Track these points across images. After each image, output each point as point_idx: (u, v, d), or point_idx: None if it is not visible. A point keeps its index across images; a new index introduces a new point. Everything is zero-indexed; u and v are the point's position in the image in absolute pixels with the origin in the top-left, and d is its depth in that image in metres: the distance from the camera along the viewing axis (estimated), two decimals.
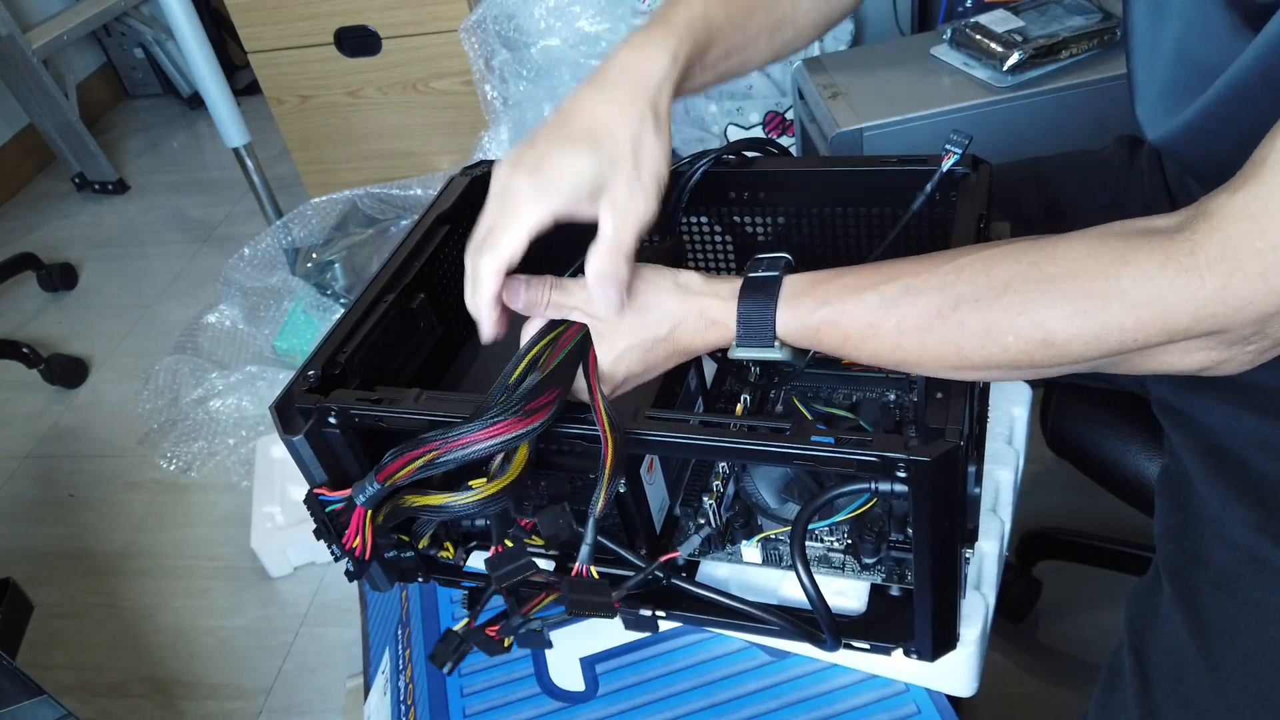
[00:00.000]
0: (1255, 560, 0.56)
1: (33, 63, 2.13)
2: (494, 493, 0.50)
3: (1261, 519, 0.57)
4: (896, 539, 0.58)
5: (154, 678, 1.28)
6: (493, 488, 0.50)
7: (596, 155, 0.50)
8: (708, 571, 0.64)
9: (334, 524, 0.54)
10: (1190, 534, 0.61)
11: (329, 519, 0.54)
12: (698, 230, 0.71)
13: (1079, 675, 1.10)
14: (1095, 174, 0.80)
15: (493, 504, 0.51)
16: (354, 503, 0.52)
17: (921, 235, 0.65)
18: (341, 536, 0.54)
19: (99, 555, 1.47)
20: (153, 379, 1.63)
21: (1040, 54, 1.17)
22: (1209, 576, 0.58)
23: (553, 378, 0.51)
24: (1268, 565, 0.56)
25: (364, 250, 1.69)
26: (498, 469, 0.51)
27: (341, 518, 0.54)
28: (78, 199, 2.40)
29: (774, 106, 1.66)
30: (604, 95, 0.52)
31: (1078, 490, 1.17)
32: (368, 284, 0.64)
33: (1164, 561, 0.61)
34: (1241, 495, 0.59)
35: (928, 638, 0.55)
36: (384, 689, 0.70)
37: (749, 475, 0.65)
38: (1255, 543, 0.57)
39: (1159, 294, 0.43)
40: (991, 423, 0.70)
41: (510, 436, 0.49)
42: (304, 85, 1.79)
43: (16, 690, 0.89)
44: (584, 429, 0.52)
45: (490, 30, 1.57)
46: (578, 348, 0.53)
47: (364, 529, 0.53)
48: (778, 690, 0.61)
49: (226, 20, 2.16)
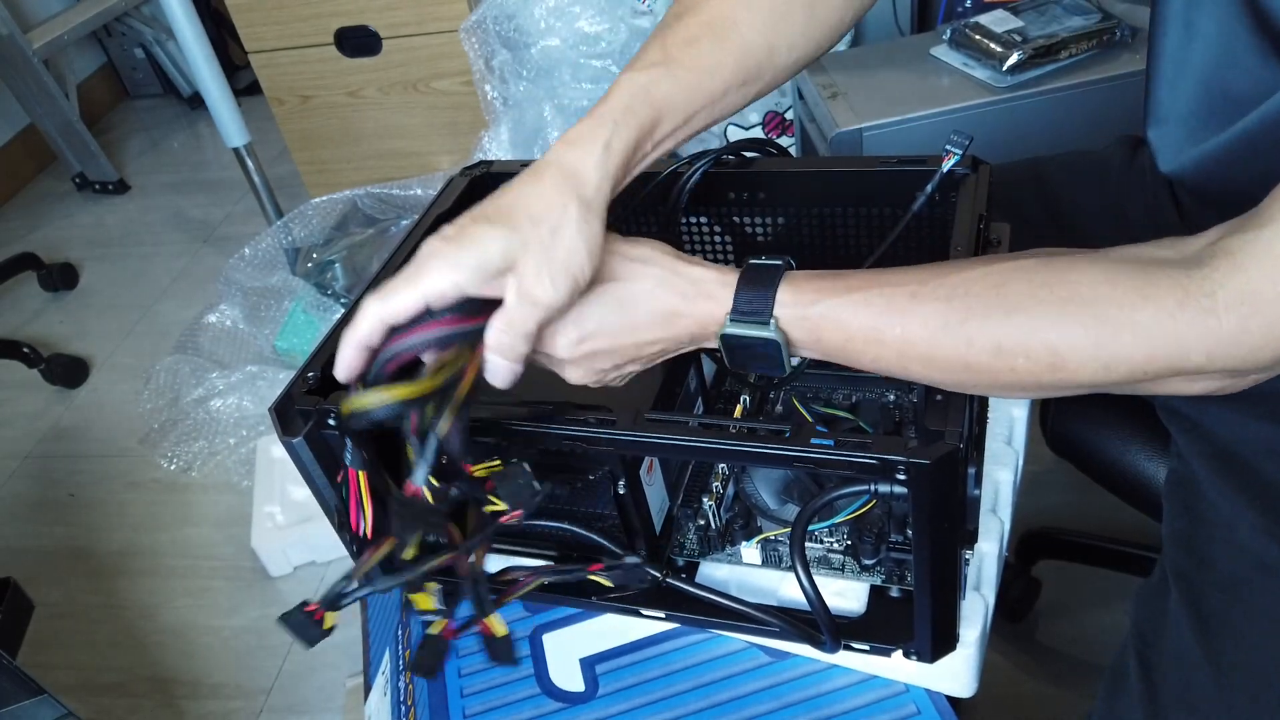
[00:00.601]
0: (1264, 566, 0.56)
1: (33, 63, 2.13)
2: (412, 394, 0.47)
3: (1270, 524, 0.57)
4: (896, 540, 0.58)
5: (154, 677, 1.28)
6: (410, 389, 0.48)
7: (511, 235, 0.49)
8: (707, 572, 0.64)
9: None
10: (1198, 538, 0.61)
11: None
12: (697, 230, 0.71)
13: (1078, 675, 1.10)
14: (1095, 174, 0.80)
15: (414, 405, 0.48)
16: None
17: (921, 235, 0.65)
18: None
19: (99, 555, 1.47)
20: (153, 379, 1.63)
21: (1040, 54, 1.17)
22: (1217, 581, 0.58)
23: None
24: (1277, 571, 0.56)
25: (364, 250, 1.69)
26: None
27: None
28: (78, 199, 2.40)
29: (774, 106, 1.66)
30: (533, 182, 0.51)
31: (1077, 490, 1.17)
32: (368, 284, 0.64)
33: (1171, 565, 0.61)
34: (1250, 500, 0.59)
35: (927, 639, 0.55)
36: (384, 689, 0.70)
37: (748, 476, 0.65)
38: (1264, 548, 0.56)
39: (1176, 333, 0.42)
40: (991, 423, 0.70)
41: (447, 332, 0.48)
42: (304, 85, 1.79)
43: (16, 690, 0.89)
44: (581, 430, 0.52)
45: (490, 30, 1.57)
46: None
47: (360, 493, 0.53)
48: (777, 691, 0.61)
49: (226, 20, 2.16)
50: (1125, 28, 1.20)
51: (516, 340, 0.49)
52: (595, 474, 0.57)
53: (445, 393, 0.48)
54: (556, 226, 0.49)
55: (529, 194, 0.50)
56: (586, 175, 0.51)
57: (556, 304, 0.49)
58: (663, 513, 0.62)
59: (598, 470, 0.57)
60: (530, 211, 0.49)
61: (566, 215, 0.49)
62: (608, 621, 0.66)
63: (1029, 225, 0.80)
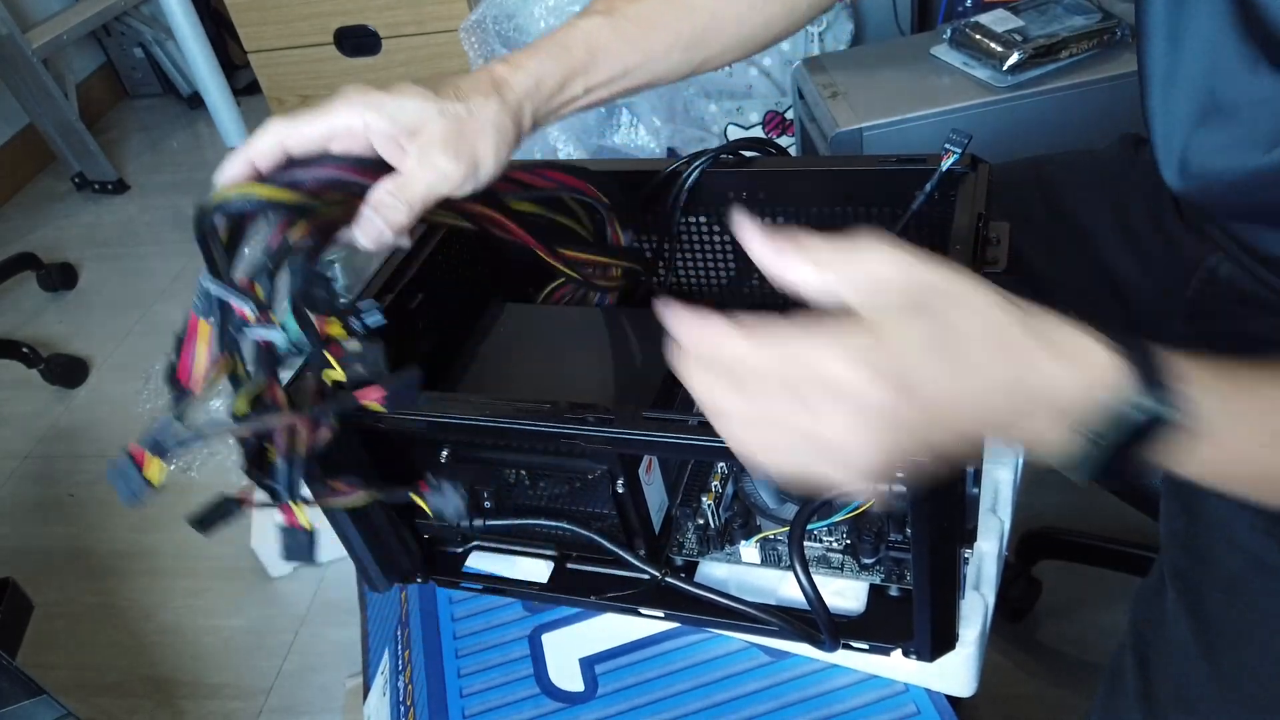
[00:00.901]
0: (1263, 565, 0.56)
1: (33, 62, 2.13)
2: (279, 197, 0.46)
3: (1269, 523, 0.57)
4: (895, 539, 0.58)
5: (154, 678, 1.28)
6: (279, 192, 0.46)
7: (430, 100, 0.51)
8: (706, 572, 0.64)
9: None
10: (1196, 537, 0.61)
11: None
12: (696, 230, 0.71)
13: (1078, 675, 1.10)
14: (1096, 173, 0.79)
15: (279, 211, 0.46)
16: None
17: (921, 235, 0.65)
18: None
19: (99, 555, 1.47)
20: (153, 379, 1.63)
21: (1040, 54, 1.17)
22: (1215, 581, 0.58)
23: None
24: (1275, 571, 0.55)
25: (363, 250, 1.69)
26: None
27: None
28: (78, 199, 2.40)
29: (774, 106, 1.66)
30: (464, 76, 0.53)
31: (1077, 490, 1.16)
32: (367, 284, 0.64)
33: (1169, 564, 0.61)
34: None
35: (927, 638, 0.55)
36: (384, 689, 0.70)
37: (748, 475, 0.65)
38: (1263, 547, 0.56)
39: None
40: None
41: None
42: (304, 85, 1.79)
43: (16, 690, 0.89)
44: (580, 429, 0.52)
45: (490, 30, 1.57)
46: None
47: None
48: (777, 690, 0.60)
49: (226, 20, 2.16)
50: (1125, 27, 1.20)
51: (399, 204, 0.50)
52: (594, 473, 0.57)
53: (309, 215, 0.46)
54: (474, 109, 0.51)
55: (458, 79, 0.53)
56: (512, 85, 0.54)
57: (453, 179, 0.50)
58: (662, 512, 0.62)
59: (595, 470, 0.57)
60: (456, 88, 0.52)
61: (487, 104, 0.52)
62: (607, 621, 0.66)
63: (1029, 225, 0.80)
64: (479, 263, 0.74)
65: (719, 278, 0.74)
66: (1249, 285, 0.67)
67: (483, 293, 0.73)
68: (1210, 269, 0.69)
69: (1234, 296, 0.68)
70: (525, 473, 0.60)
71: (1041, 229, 0.80)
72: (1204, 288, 0.70)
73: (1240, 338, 0.69)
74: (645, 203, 0.69)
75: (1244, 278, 0.67)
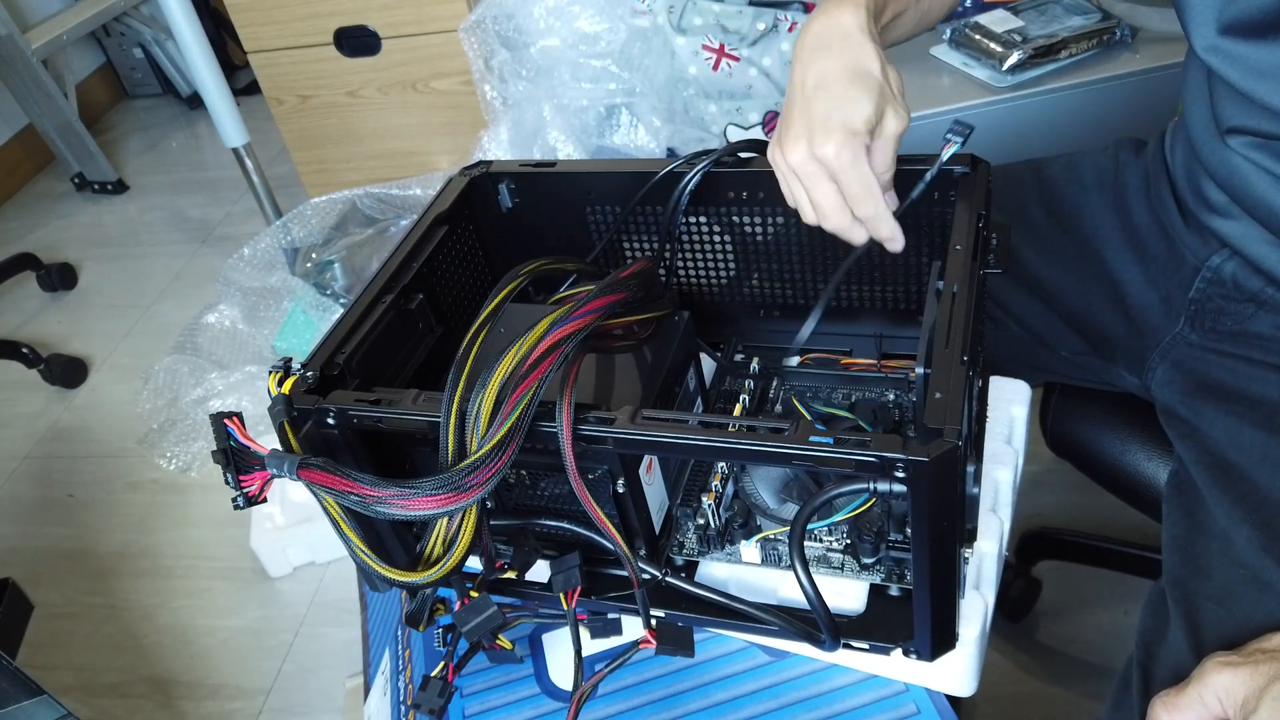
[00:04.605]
0: (1258, 581, 0.56)
1: (32, 63, 2.13)
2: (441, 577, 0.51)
3: (1266, 540, 0.56)
4: (895, 539, 0.58)
5: (154, 678, 1.28)
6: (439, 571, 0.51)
7: (873, 96, 0.56)
8: (706, 571, 0.64)
9: (237, 457, 0.52)
10: (1195, 546, 0.60)
11: (232, 451, 0.52)
12: (697, 230, 0.71)
13: (1078, 675, 1.10)
14: (1096, 174, 0.80)
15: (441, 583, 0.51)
16: (265, 467, 0.51)
17: (920, 234, 0.65)
18: (240, 472, 0.52)
19: (99, 555, 1.47)
20: (152, 379, 1.63)
21: (1040, 54, 1.17)
22: (1211, 592, 0.57)
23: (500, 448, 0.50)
24: (1269, 589, 0.55)
25: (364, 250, 1.69)
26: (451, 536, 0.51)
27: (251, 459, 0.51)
28: (77, 199, 2.40)
29: (773, 106, 1.66)
30: (834, 53, 0.57)
31: (1077, 490, 1.17)
32: (367, 284, 0.64)
33: (1168, 572, 0.61)
34: (1247, 513, 0.58)
35: (927, 638, 0.55)
36: (384, 689, 0.70)
37: (748, 475, 0.65)
38: (1260, 563, 0.56)
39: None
40: (991, 422, 0.70)
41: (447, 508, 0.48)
42: (304, 85, 1.79)
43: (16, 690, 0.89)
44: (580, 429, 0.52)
45: (490, 30, 1.57)
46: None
47: (265, 486, 0.52)
48: (777, 690, 0.60)
49: (226, 20, 2.16)
50: (1125, 28, 1.20)
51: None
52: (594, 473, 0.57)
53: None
54: (884, 69, 0.57)
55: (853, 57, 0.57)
56: (862, 28, 0.58)
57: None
58: (662, 512, 0.62)
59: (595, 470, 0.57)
60: (869, 70, 0.57)
61: (877, 57, 0.57)
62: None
63: (1029, 225, 0.80)
64: (479, 263, 0.74)
65: (719, 278, 0.74)
66: (1253, 284, 0.67)
67: (483, 293, 0.73)
68: (1213, 269, 0.69)
69: (1238, 296, 0.68)
70: (525, 473, 0.60)
71: (1041, 230, 0.80)
72: (1207, 288, 0.70)
73: (1243, 337, 0.69)
74: (647, 203, 0.69)
75: (1248, 277, 0.67)
